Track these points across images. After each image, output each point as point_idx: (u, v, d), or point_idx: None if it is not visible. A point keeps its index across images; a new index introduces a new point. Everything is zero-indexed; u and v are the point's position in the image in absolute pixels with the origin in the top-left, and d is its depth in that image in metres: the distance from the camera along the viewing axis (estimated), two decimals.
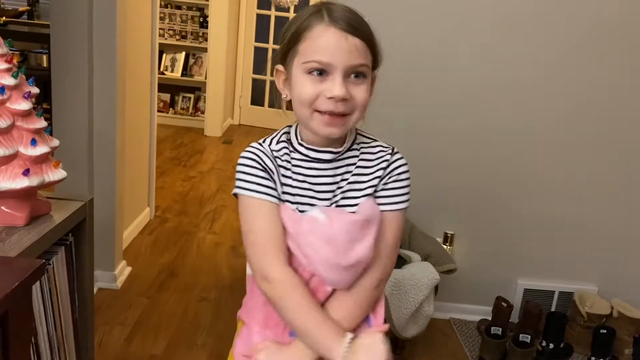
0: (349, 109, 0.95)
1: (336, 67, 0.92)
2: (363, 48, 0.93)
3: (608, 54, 2.30)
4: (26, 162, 1.05)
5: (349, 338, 0.93)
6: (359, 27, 0.92)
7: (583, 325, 2.37)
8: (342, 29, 0.91)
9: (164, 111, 5.80)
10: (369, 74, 0.96)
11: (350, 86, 0.94)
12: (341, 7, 0.94)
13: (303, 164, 1.00)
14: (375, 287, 1.02)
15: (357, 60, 0.92)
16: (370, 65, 0.96)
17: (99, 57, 2.26)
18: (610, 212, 2.45)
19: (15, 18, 5.13)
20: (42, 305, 1.09)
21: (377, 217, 0.99)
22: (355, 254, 0.95)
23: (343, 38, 0.91)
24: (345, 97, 0.92)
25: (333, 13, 0.92)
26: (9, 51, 1.06)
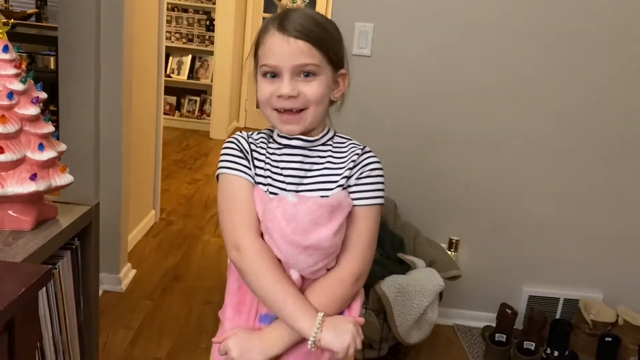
0: (300, 104, 1.02)
1: (282, 68, 1.01)
2: (309, 49, 1.00)
3: (613, 60, 2.29)
4: (33, 166, 1.05)
5: (320, 316, 0.96)
6: (305, 30, 1.00)
7: (588, 333, 2.36)
8: (287, 34, 1.00)
9: (170, 114, 5.82)
10: (322, 72, 1.02)
11: (300, 84, 1.01)
12: (298, 12, 1.03)
13: (276, 151, 1.07)
14: (352, 283, 1.02)
15: (301, 61, 1.00)
16: (324, 64, 1.02)
17: (106, 60, 2.27)
18: (616, 219, 2.44)
19: (23, 20, 5.16)
20: (48, 309, 1.09)
21: (347, 207, 1.01)
22: (315, 236, 0.97)
23: (286, 42, 1.00)
24: (291, 94, 1.01)
25: (285, 20, 1.01)
26: (18, 56, 1.06)
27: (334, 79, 1.06)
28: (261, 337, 1.00)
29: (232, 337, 1.00)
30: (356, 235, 1.03)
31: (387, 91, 2.32)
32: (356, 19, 2.25)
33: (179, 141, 5.33)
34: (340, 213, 0.99)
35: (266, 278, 0.98)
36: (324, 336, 0.95)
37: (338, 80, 1.08)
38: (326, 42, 1.02)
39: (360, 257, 1.03)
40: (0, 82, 1.03)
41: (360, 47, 2.27)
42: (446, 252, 2.32)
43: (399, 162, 2.38)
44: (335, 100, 1.10)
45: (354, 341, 0.95)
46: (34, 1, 5.34)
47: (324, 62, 1.02)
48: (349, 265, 1.02)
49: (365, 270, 1.04)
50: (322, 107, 1.05)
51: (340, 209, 1.00)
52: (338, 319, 0.99)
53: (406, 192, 2.39)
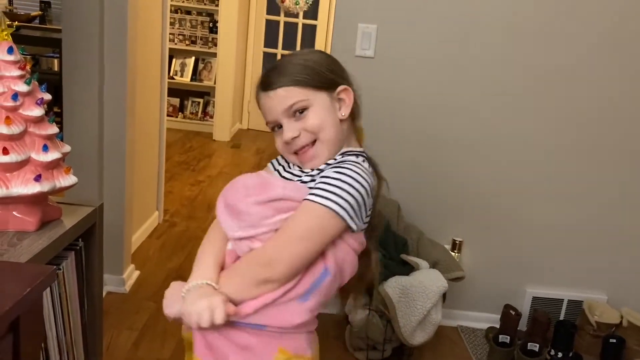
0: (307, 139, 1.08)
1: (278, 118, 1.09)
2: (287, 92, 1.07)
3: (620, 61, 2.29)
4: (38, 167, 1.06)
5: (203, 282, 1.03)
6: (279, 81, 1.07)
7: (592, 334, 2.35)
8: (267, 89, 1.09)
9: (173, 115, 5.83)
10: (314, 101, 1.08)
11: (299, 123, 1.08)
12: (276, 65, 1.11)
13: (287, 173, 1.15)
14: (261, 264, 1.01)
15: (286, 103, 1.07)
16: (310, 95, 1.07)
17: (110, 62, 2.27)
18: (620, 220, 2.44)
19: (28, 23, 5.18)
20: (52, 309, 1.10)
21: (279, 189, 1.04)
22: (240, 200, 1.05)
23: (268, 97, 1.09)
24: (294, 135, 1.08)
25: (263, 79, 1.11)
26: (22, 58, 1.07)
27: (335, 98, 1.10)
28: None
29: (171, 285, 1.13)
30: (286, 223, 1.02)
31: (390, 92, 2.32)
32: (359, 20, 2.25)
33: (182, 143, 5.33)
34: (269, 190, 1.04)
35: (206, 238, 1.13)
36: (187, 295, 1.03)
37: (341, 98, 1.11)
38: (304, 76, 1.07)
39: (277, 241, 1.01)
40: (5, 84, 1.03)
41: (363, 49, 2.27)
42: (449, 253, 2.32)
43: (402, 164, 2.38)
44: (344, 117, 1.11)
45: (198, 314, 0.98)
46: (38, 4, 5.36)
47: (310, 92, 1.07)
48: (267, 244, 1.02)
49: (281, 260, 0.99)
50: (333, 131, 1.08)
51: (270, 187, 1.05)
52: (212, 292, 1.01)
53: (409, 193, 2.39)
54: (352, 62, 2.26)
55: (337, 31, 2.29)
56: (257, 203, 1.04)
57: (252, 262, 1.03)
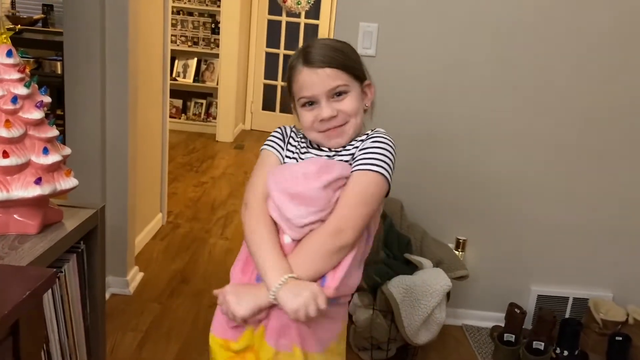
0: (341, 121, 1.17)
1: (318, 96, 1.15)
2: (335, 73, 1.14)
3: (620, 59, 2.28)
4: (38, 170, 1.05)
5: (286, 277, 1.05)
6: (328, 59, 1.14)
7: (598, 332, 2.33)
8: (312, 66, 1.14)
9: (176, 117, 5.83)
10: (352, 88, 1.17)
11: (336, 104, 1.16)
12: (317, 45, 1.17)
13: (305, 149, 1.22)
14: (331, 234, 1.07)
15: (332, 84, 1.15)
16: (351, 81, 1.17)
17: (112, 64, 2.27)
18: (625, 218, 2.42)
19: (30, 26, 5.19)
20: (54, 312, 1.09)
21: (339, 170, 1.11)
22: (303, 186, 1.09)
23: (315, 73, 1.14)
24: (332, 115, 1.15)
25: (307, 54, 1.16)
26: (22, 61, 1.07)
27: (362, 90, 1.21)
28: (253, 288, 1.12)
29: (230, 287, 1.14)
30: (344, 194, 1.11)
31: (392, 91, 2.31)
32: (360, 19, 2.24)
33: (185, 144, 5.34)
34: (330, 172, 1.10)
35: (256, 234, 1.13)
36: (281, 294, 1.04)
37: (365, 91, 1.23)
38: (347, 63, 1.17)
39: (343, 212, 1.09)
40: (4, 87, 1.03)
41: (364, 48, 2.26)
42: (453, 252, 2.31)
43: (405, 163, 2.35)
44: (367, 108, 1.24)
45: (305, 307, 1.02)
46: (40, 7, 5.38)
47: (351, 79, 1.17)
48: (332, 217, 1.09)
49: (350, 226, 1.08)
50: (360, 117, 1.20)
51: (331, 169, 1.11)
52: (302, 283, 1.05)
53: (413, 192, 2.38)
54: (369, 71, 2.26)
55: (338, 30, 2.28)
56: (323, 187, 1.09)
57: (323, 235, 1.08)
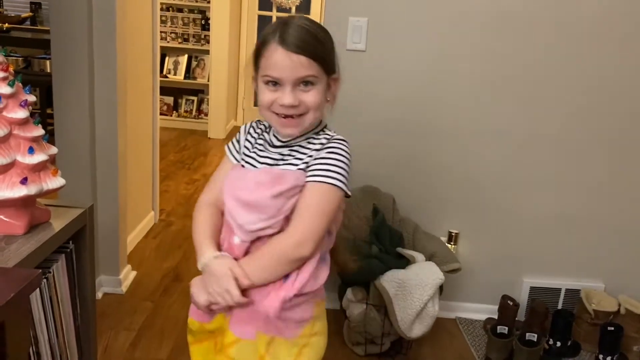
0: (301, 111, 1.13)
1: (285, 80, 1.11)
2: (308, 63, 1.10)
3: (608, 50, 2.28)
4: (24, 170, 1.04)
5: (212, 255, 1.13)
6: (305, 46, 1.09)
7: (590, 322, 2.35)
8: (288, 49, 1.09)
9: (167, 114, 5.81)
10: (319, 81, 1.13)
11: (300, 93, 1.12)
12: (296, 26, 1.11)
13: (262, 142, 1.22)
14: (293, 245, 1.10)
15: (302, 73, 1.10)
16: (320, 74, 1.13)
17: (100, 62, 2.26)
18: (616, 209, 2.44)
19: (19, 24, 5.15)
20: (43, 312, 1.09)
21: (291, 180, 1.11)
22: (255, 194, 1.11)
23: (288, 57, 1.09)
24: (293, 104, 1.11)
25: (284, 33, 1.10)
26: (5, 59, 1.06)
27: (328, 83, 1.17)
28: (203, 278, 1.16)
29: (196, 278, 1.18)
30: (302, 206, 1.11)
31: (382, 85, 2.31)
32: (350, 13, 2.24)
33: (177, 141, 5.32)
34: (283, 183, 1.11)
35: (197, 224, 1.20)
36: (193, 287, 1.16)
37: (330, 84, 1.18)
38: (322, 54, 1.12)
39: (304, 224, 1.10)
40: None
41: (354, 42, 2.26)
42: (445, 245, 2.31)
43: (396, 157, 2.37)
44: (328, 101, 1.19)
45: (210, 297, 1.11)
46: (28, 5, 5.33)
47: (321, 72, 1.13)
48: (292, 229, 1.11)
49: (309, 238, 1.10)
50: (319, 112, 1.16)
51: (284, 180, 1.11)
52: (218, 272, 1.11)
53: (404, 186, 2.38)
54: (344, 56, 2.22)
55: (327, 25, 2.23)
56: (274, 196, 1.10)
57: (284, 245, 1.11)
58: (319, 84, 1.13)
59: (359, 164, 2.38)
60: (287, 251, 1.10)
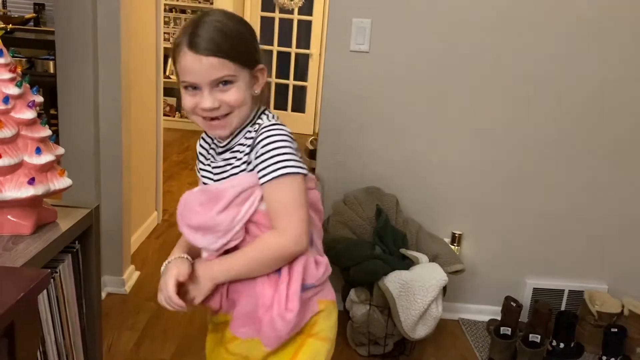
0: (224, 111, 1.10)
1: (200, 84, 1.07)
2: (220, 63, 1.05)
3: (610, 52, 2.28)
4: (31, 171, 1.05)
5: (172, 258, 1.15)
6: (214, 47, 1.04)
7: (593, 324, 2.35)
8: (197, 52, 1.05)
9: (170, 115, 5.82)
10: (238, 78, 1.08)
11: (219, 94, 1.08)
12: (206, 26, 1.06)
13: (211, 151, 1.21)
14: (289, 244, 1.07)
15: (216, 75, 1.06)
16: (238, 70, 1.08)
17: (104, 63, 2.26)
18: (619, 210, 2.44)
19: (22, 25, 5.16)
20: (50, 312, 1.09)
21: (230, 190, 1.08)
22: (200, 217, 1.09)
23: (198, 61, 1.05)
24: (213, 106, 1.08)
25: (193, 36, 1.05)
26: (13, 60, 1.06)
27: (252, 76, 1.12)
28: None
29: None
30: (278, 205, 1.08)
31: (386, 86, 2.31)
32: (353, 15, 2.24)
33: (180, 142, 5.33)
34: (222, 197, 1.08)
35: None
36: None
37: (257, 75, 1.13)
38: (237, 51, 1.07)
39: (290, 220, 1.07)
40: None
41: (358, 44, 2.26)
42: (449, 246, 2.31)
43: (400, 158, 2.38)
44: (256, 94, 1.13)
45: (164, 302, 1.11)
46: (32, 6, 5.34)
47: (238, 68, 1.08)
48: (285, 226, 1.08)
49: (303, 231, 1.08)
50: (246, 107, 1.11)
51: (222, 194, 1.08)
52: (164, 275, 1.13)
53: (408, 187, 2.39)
54: (347, 57, 2.27)
55: (331, 26, 2.28)
56: (219, 212, 1.07)
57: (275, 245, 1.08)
58: (239, 80, 1.09)
59: (363, 165, 2.40)
60: (281, 250, 1.08)
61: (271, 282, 1.11)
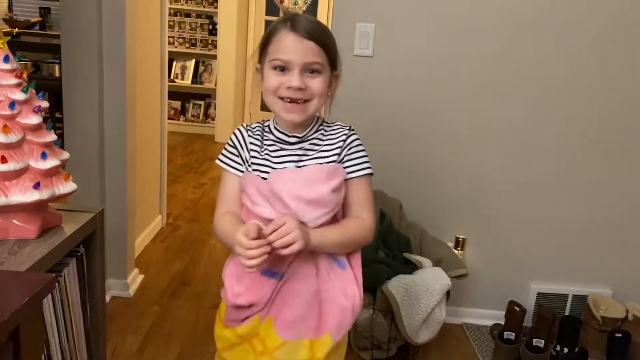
0: (306, 96, 1.17)
1: (294, 64, 1.14)
2: (317, 50, 1.15)
3: (614, 55, 2.28)
4: (37, 175, 1.06)
5: None
6: (314, 33, 1.15)
7: (598, 329, 2.34)
8: (299, 34, 1.14)
9: (174, 118, 5.84)
10: (324, 71, 1.18)
11: (307, 79, 1.16)
12: (305, 17, 1.18)
13: (271, 144, 1.23)
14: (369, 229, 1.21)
15: (310, 59, 1.15)
16: (326, 64, 1.18)
17: (109, 67, 2.28)
18: (623, 215, 2.43)
19: (28, 29, 5.19)
20: (54, 316, 1.10)
21: (341, 174, 1.19)
22: (316, 191, 1.14)
23: (299, 41, 1.14)
24: (300, 87, 1.15)
25: (295, 22, 1.15)
26: (19, 66, 1.07)
27: (330, 78, 1.21)
28: None
29: None
30: (362, 197, 1.22)
31: (390, 91, 2.32)
32: (357, 19, 2.25)
33: (184, 145, 5.34)
34: (336, 177, 1.17)
35: (225, 227, 1.19)
36: None
37: (332, 80, 1.22)
38: (329, 46, 1.18)
39: (370, 213, 1.22)
40: (2, 92, 1.04)
41: (361, 48, 2.27)
42: (452, 250, 2.31)
43: (403, 162, 2.38)
44: (328, 97, 1.23)
45: None
46: (37, 10, 5.37)
47: (327, 62, 1.18)
48: (368, 217, 1.22)
49: (373, 226, 1.23)
50: (322, 101, 1.20)
51: (336, 174, 1.18)
52: None
53: (411, 191, 2.39)
54: (351, 62, 2.27)
55: (335, 31, 2.25)
56: (332, 191, 1.16)
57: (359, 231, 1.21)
58: (324, 73, 1.17)
59: None
60: (365, 233, 1.20)
61: (336, 276, 1.19)
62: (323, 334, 1.18)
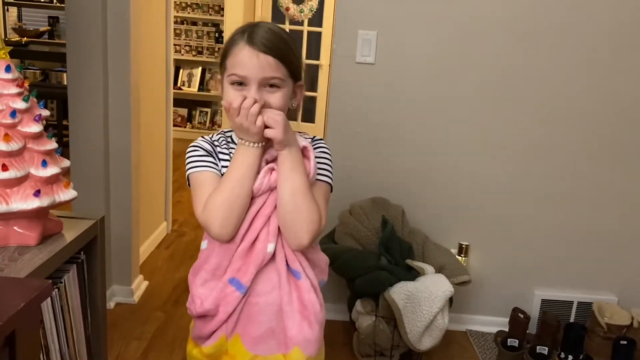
0: None
1: (250, 79, 1.09)
2: (275, 64, 1.09)
3: (624, 60, 2.28)
4: (37, 183, 1.07)
5: None
6: (273, 47, 1.09)
7: (602, 336, 2.32)
8: (256, 48, 1.08)
9: (181, 126, 5.87)
10: (285, 84, 1.12)
11: (265, 94, 1.10)
12: (264, 28, 1.11)
13: None
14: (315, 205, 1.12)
15: (268, 74, 1.09)
16: (286, 78, 1.12)
17: (114, 75, 2.30)
18: (628, 221, 2.42)
19: (37, 38, 5.26)
20: (54, 322, 1.11)
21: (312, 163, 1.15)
22: None
23: (255, 55, 1.08)
24: None
25: (253, 34, 1.09)
26: (20, 75, 1.09)
27: (293, 89, 1.16)
28: None
29: None
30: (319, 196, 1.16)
31: (391, 98, 2.32)
32: (359, 27, 2.26)
33: None
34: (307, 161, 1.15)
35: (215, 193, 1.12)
36: None
37: (296, 91, 1.18)
38: (289, 58, 1.12)
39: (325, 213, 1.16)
40: (4, 101, 1.05)
41: (363, 55, 2.28)
42: (455, 257, 2.31)
43: (405, 168, 2.38)
44: (292, 108, 1.18)
45: None
46: (46, 19, 5.44)
47: (287, 75, 1.12)
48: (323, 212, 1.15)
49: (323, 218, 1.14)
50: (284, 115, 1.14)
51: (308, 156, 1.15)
52: None
53: (414, 197, 2.39)
54: (353, 69, 2.28)
55: (337, 38, 2.30)
56: None
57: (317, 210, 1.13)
58: (285, 87, 1.12)
59: (369, 175, 2.40)
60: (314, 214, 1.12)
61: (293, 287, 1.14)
62: (291, 348, 1.14)
